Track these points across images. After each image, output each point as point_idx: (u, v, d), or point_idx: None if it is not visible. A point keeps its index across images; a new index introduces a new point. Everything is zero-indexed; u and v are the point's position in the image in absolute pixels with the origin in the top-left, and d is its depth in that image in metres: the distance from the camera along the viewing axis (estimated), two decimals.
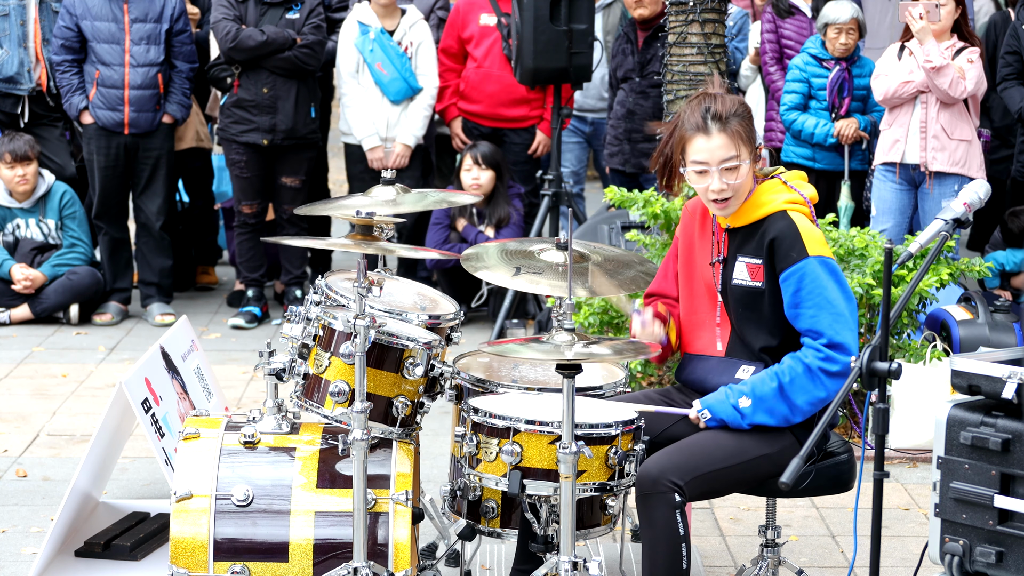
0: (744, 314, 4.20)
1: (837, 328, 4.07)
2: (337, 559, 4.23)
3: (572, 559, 4.01)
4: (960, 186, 7.13)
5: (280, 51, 8.30)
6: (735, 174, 4.13)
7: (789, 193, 4.19)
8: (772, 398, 4.10)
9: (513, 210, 8.36)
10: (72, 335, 8.28)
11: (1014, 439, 3.77)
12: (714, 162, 4.12)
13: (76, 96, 8.31)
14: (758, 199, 4.19)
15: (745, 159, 4.13)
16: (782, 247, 4.11)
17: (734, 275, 4.21)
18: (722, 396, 4.15)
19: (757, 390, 4.12)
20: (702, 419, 4.17)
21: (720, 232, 4.26)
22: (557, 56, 7.97)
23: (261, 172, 8.50)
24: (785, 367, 4.11)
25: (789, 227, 4.12)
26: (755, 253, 4.17)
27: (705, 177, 4.14)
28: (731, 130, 4.11)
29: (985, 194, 4.10)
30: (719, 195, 4.14)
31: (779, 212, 4.15)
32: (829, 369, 4.07)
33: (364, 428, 4.14)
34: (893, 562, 5.18)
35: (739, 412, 4.13)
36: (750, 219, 4.19)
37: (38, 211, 8.50)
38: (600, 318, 6.62)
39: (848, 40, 8.00)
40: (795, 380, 4.09)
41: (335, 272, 4.84)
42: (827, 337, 4.07)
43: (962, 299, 7.23)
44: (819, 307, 4.07)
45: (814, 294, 4.08)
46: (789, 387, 4.09)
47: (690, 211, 4.41)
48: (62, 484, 5.81)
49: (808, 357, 4.09)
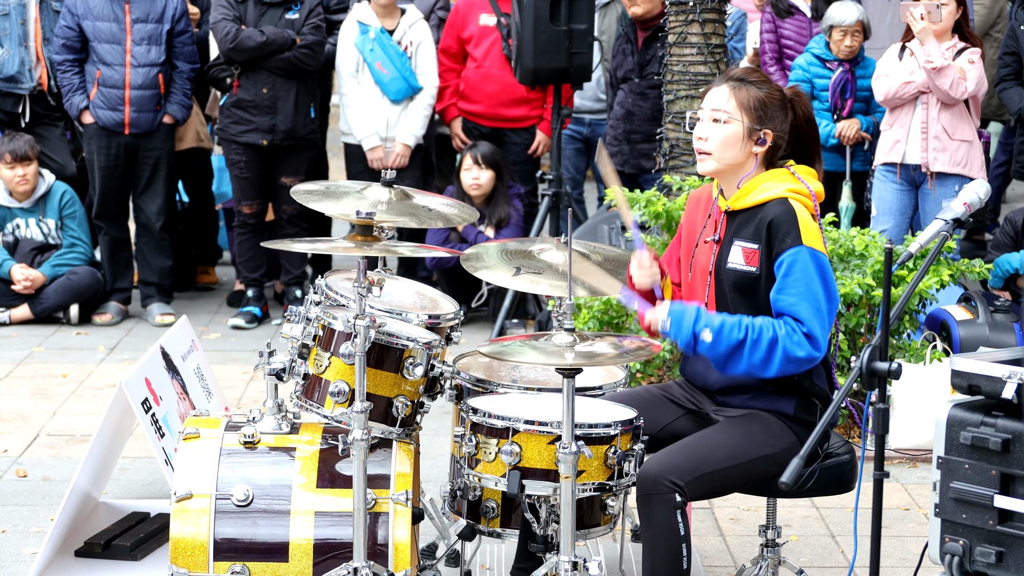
0: (737, 299, 4.17)
1: (813, 322, 4.03)
2: (337, 559, 4.23)
3: (572, 559, 4.01)
4: (961, 187, 7.13)
5: (280, 51, 8.30)
6: (720, 130, 4.14)
7: (794, 183, 4.17)
8: (732, 347, 4.04)
9: (513, 210, 8.36)
10: (72, 335, 8.28)
11: (1014, 439, 3.78)
12: (707, 108, 4.17)
13: (77, 96, 8.31)
14: (761, 184, 4.17)
15: (738, 121, 4.13)
16: (779, 232, 4.08)
17: (729, 258, 4.18)
18: (691, 317, 4.06)
19: (723, 332, 4.04)
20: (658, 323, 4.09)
21: (719, 213, 4.25)
22: (557, 56, 7.97)
23: (261, 172, 8.51)
24: (757, 326, 4.04)
25: (788, 212, 4.10)
26: (752, 238, 4.14)
27: (699, 124, 4.19)
28: (738, 92, 4.15)
29: (985, 194, 4.09)
30: (699, 143, 4.17)
31: (780, 199, 4.14)
32: (793, 353, 4.01)
33: (364, 428, 4.14)
34: (893, 562, 5.18)
35: (696, 340, 4.06)
36: (750, 203, 4.17)
37: (38, 211, 8.50)
38: (601, 318, 6.62)
39: (853, 43, 8.00)
40: (758, 342, 4.03)
41: (335, 272, 4.84)
42: (804, 327, 4.04)
43: (962, 299, 7.23)
44: (802, 296, 4.04)
45: (800, 282, 4.04)
46: (751, 346, 4.03)
47: (694, 198, 4.41)
48: (62, 484, 5.81)
49: (782, 330, 4.03)
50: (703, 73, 7.45)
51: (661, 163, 7.66)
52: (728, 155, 4.17)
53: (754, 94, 4.16)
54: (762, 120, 4.15)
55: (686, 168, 7.45)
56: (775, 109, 4.18)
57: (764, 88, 4.18)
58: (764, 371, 4.06)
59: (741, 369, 4.07)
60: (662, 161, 7.64)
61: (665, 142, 7.58)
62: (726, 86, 4.18)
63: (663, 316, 4.09)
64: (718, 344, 4.05)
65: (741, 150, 4.17)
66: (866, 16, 8.07)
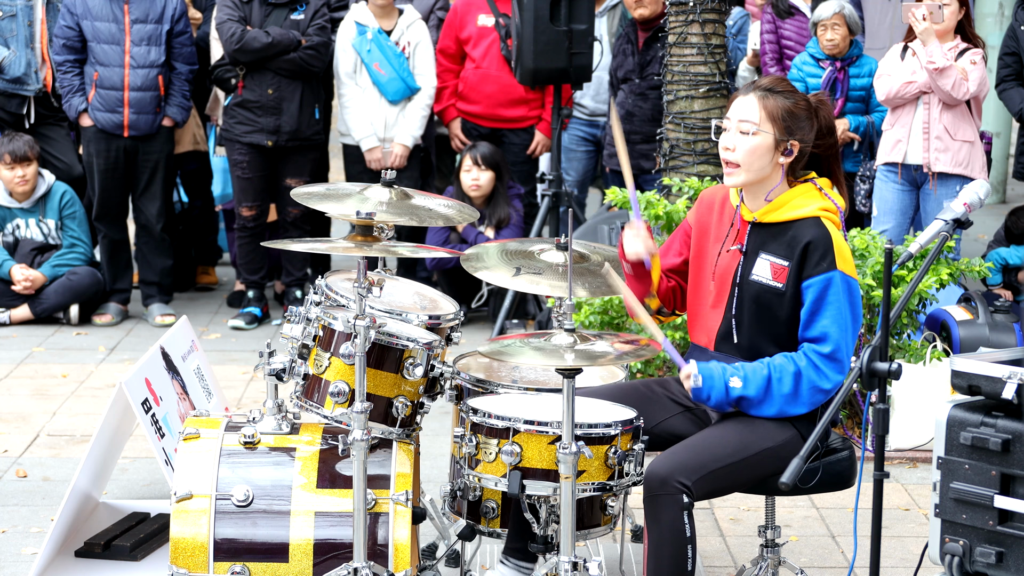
0: (756, 312, 4.18)
1: (840, 345, 4.08)
2: (337, 559, 4.23)
3: (572, 559, 4.01)
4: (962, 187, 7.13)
5: (285, 52, 8.30)
6: (748, 141, 4.13)
7: (823, 200, 4.18)
8: (762, 387, 4.10)
9: (513, 211, 8.36)
10: (72, 335, 8.28)
11: (1014, 439, 3.78)
12: (734, 119, 4.16)
13: (76, 97, 8.30)
14: (791, 200, 4.17)
15: (766, 132, 4.12)
16: (815, 254, 4.10)
17: (754, 271, 4.19)
18: (718, 371, 4.12)
19: (749, 375, 4.11)
20: (691, 382, 4.13)
21: (742, 223, 4.24)
22: (557, 56, 7.97)
23: (263, 173, 8.50)
24: (778, 362, 4.10)
25: (824, 236, 4.11)
26: (784, 254, 4.15)
27: (724, 135, 4.18)
28: (765, 102, 4.14)
29: (985, 194, 4.09)
30: (726, 153, 4.16)
31: (813, 218, 4.14)
32: (819, 384, 4.09)
33: (364, 428, 4.14)
34: (893, 562, 5.18)
35: (727, 389, 4.11)
36: (779, 218, 4.17)
37: (38, 211, 8.50)
38: (600, 318, 6.62)
39: (835, 36, 7.97)
40: (782, 377, 4.09)
41: (335, 272, 4.84)
42: (832, 349, 4.07)
43: (962, 299, 7.24)
44: (834, 320, 4.07)
45: (834, 306, 4.07)
46: (776, 381, 4.09)
47: (707, 200, 4.39)
48: (62, 484, 5.81)
49: (803, 362, 4.09)
50: (703, 73, 7.45)
51: (661, 164, 7.66)
52: (756, 167, 4.16)
53: (782, 104, 4.15)
54: (790, 131, 4.15)
55: (686, 168, 7.46)
56: (802, 119, 4.17)
57: (792, 98, 4.17)
58: (795, 405, 4.11)
59: (775, 407, 4.12)
60: (662, 162, 7.64)
61: (665, 143, 7.58)
62: (754, 95, 4.16)
63: (694, 372, 4.13)
64: (748, 387, 4.10)
65: (769, 162, 4.17)
66: (849, 10, 8.03)
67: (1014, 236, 8.37)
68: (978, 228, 10.42)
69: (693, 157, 7.46)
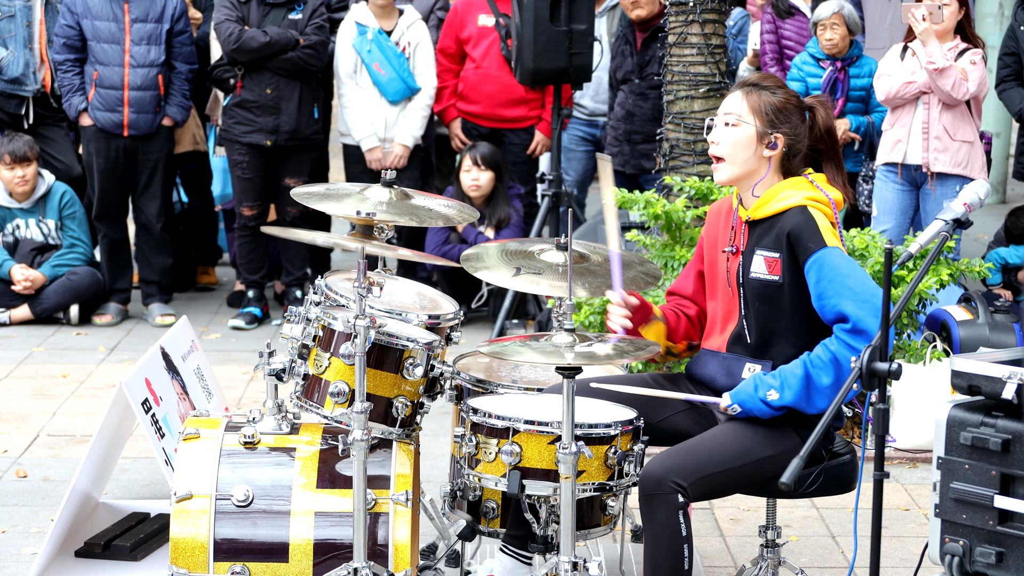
0: (761, 309, 4.19)
1: (859, 313, 4.03)
2: (337, 559, 4.23)
3: (572, 559, 4.01)
4: (962, 187, 7.12)
5: (283, 52, 8.29)
6: (731, 133, 4.18)
7: (812, 191, 4.20)
8: (801, 386, 4.07)
9: (513, 211, 8.36)
10: (72, 335, 8.28)
11: (1014, 439, 3.77)
12: (720, 114, 4.22)
13: (76, 97, 8.30)
14: (780, 193, 4.19)
15: (747, 124, 4.16)
16: (800, 239, 4.11)
17: (752, 268, 4.21)
18: (751, 390, 4.11)
19: (785, 380, 4.08)
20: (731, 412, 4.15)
21: (740, 224, 4.26)
22: (557, 56, 7.97)
23: (263, 173, 8.50)
24: (813, 355, 4.09)
25: (807, 219, 4.12)
26: (773, 247, 4.17)
27: (712, 131, 4.24)
28: (751, 96, 4.20)
29: (985, 194, 4.09)
30: (712, 148, 4.22)
31: (799, 207, 4.16)
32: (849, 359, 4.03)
33: (364, 428, 4.14)
34: (893, 562, 5.18)
35: (767, 405, 4.10)
36: (770, 211, 4.19)
37: (38, 211, 8.50)
38: (601, 318, 6.62)
39: (834, 35, 7.98)
40: (820, 368, 4.06)
41: (335, 272, 4.84)
42: (852, 323, 4.04)
43: (962, 299, 7.23)
44: (840, 294, 4.05)
45: (835, 281, 4.06)
46: (816, 375, 4.07)
47: (714, 211, 4.43)
48: (62, 484, 5.81)
49: (834, 345, 4.06)
50: (703, 73, 7.45)
51: (661, 163, 7.66)
52: (739, 158, 4.19)
53: (766, 99, 4.20)
54: (773, 124, 4.18)
55: (686, 168, 7.46)
56: (789, 114, 4.20)
57: (779, 93, 4.22)
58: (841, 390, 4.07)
59: (826, 400, 4.07)
60: (662, 161, 7.64)
61: (665, 142, 7.58)
62: (739, 91, 4.24)
63: (728, 403, 4.14)
64: (785, 392, 4.08)
65: (753, 154, 4.20)
66: (848, 10, 8.04)
67: (1014, 236, 8.37)
68: (978, 228, 10.42)
69: (693, 157, 7.45)
